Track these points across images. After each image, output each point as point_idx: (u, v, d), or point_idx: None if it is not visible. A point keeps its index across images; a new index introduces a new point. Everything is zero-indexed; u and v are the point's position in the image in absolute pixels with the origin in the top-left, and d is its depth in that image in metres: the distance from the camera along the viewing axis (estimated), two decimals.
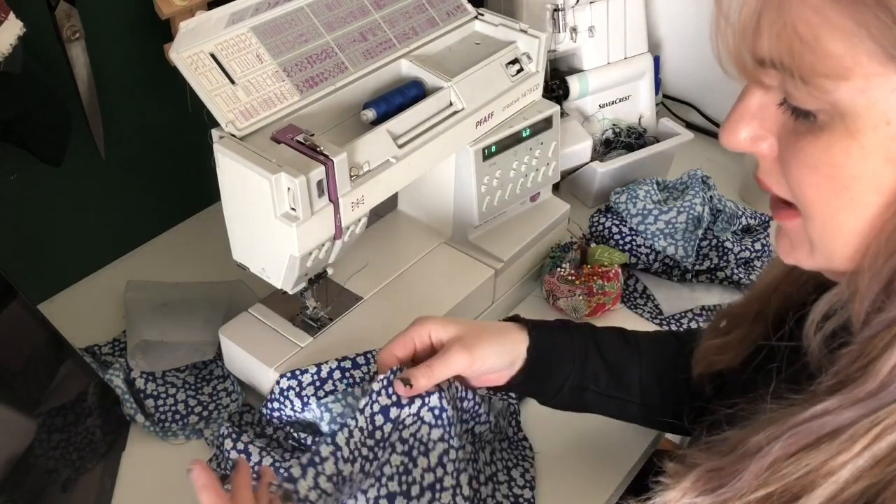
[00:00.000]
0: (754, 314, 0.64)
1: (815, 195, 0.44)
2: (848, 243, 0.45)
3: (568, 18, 1.17)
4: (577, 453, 0.88)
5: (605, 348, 0.77)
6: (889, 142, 0.40)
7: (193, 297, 1.00)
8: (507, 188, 0.98)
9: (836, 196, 0.43)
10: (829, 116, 0.41)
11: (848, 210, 0.43)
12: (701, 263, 1.06)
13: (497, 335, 0.73)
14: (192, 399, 0.90)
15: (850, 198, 0.43)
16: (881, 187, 0.42)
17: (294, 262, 0.74)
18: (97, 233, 1.05)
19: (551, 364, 0.74)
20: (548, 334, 0.75)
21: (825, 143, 0.42)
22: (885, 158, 0.41)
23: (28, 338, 0.77)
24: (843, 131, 0.41)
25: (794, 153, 0.44)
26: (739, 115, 0.46)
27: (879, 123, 0.40)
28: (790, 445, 0.44)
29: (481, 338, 0.71)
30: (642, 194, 1.11)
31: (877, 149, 0.41)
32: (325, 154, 0.70)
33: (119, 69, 0.96)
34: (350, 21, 0.83)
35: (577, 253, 1.03)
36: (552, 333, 0.75)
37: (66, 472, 0.77)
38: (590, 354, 0.76)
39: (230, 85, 0.74)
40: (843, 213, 0.44)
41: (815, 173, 0.43)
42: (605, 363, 0.76)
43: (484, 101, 0.88)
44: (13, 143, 0.86)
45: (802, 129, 0.43)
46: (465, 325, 0.72)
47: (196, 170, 0.97)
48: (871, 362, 0.43)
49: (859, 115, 0.40)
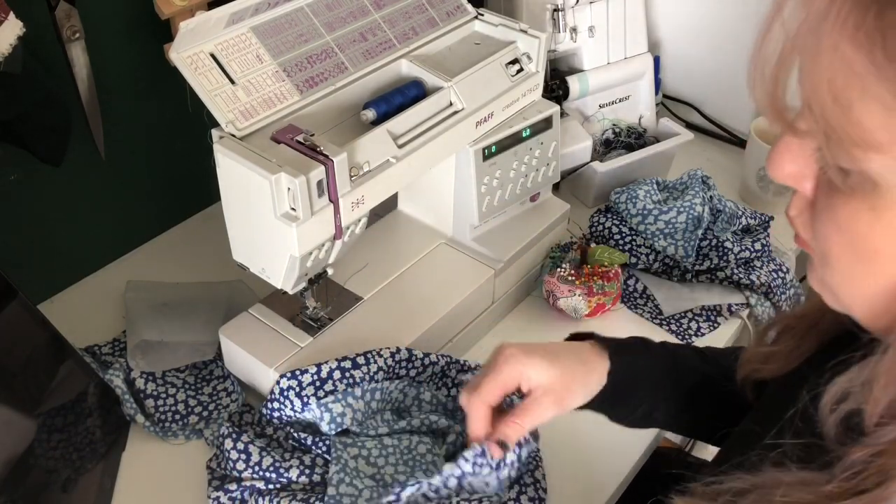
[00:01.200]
0: (807, 327, 0.61)
1: (838, 254, 0.43)
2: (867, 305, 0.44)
3: (568, 18, 1.17)
4: (578, 453, 0.88)
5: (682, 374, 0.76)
6: None
7: (193, 297, 1.00)
8: (507, 188, 0.98)
9: (857, 262, 0.42)
10: (860, 181, 0.39)
11: (868, 278, 0.42)
12: (701, 263, 1.06)
13: (583, 375, 0.71)
14: (192, 399, 0.90)
15: (870, 268, 0.41)
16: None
17: (294, 262, 0.74)
18: (97, 233, 1.05)
19: (628, 391, 0.73)
20: (630, 362, 0.73)
21: (853, 208, 0.40)
22: None
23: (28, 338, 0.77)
24: (870, 203, 0.39)
25: (826, 207, 0.42)
26: (786, 147, 0.44)
27: None
28: None
29: (572, 387, 0.70)
30: (642, 194, 1.11)
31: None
32: (325, 154, 0.70)
33: (119, 69, 0.96)
34: (350, 21, 0.83)
35: (577, 253, 1.03)
36: (634, 361, 0.74)
37: (66, 472, 0.77)
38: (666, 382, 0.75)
39: (230, 85, 0.74)
40: (863, 278, 0.42)
41: (841, 235, 0.42)
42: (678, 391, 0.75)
43: (484, 101, 0.88)
44: (13, 143, 0.86)
45: (836, 185, 0.41)
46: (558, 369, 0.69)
47: (196, 170, 0.97)
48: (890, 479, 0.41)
49: (888, 190, 0.38)
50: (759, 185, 1.21)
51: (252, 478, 0.79)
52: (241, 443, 0.79)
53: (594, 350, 0.73)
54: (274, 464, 0.78)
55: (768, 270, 1.07)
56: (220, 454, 0.82)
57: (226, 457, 0.80)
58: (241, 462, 0.79)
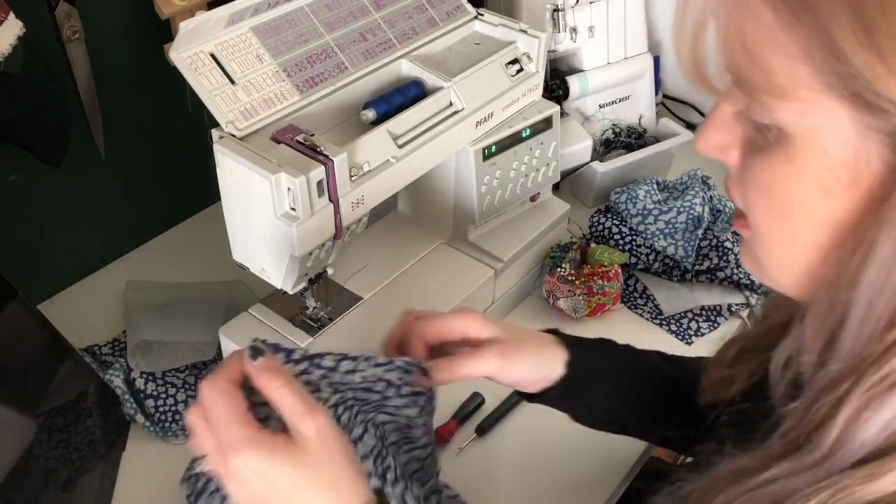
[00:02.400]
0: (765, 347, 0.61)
1: (761, 215, 0.44)
2: (791, 272, 0.44)
3: (568, 18, 1.17)
4: (572, 458, 0.88)
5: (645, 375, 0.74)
6: (823, 171, 0.39)
7: (193, 297, 1.00)
8: (507, 188, 0.98)
9: (777, 220, 0.43)
10: (776, 135, 0.41)
11: (787, 237, 0.43)
12: (701, 263, 1.06)
13: (536, 346, 0.70)
14: (193, 399, 0.90)
15: (789, 225, 0.42)
16: (816, 221, 0.41)
17: (294, 262, 0.74)
18: (97, 233, 1.05)
19: (587, 385, 0.72)
20: (589, 355, 0.72)
21: (772, 163, 0.42)
22: (820, 189, 0.40)
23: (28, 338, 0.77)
24: (785, 154, 0.41)
25: (748, 168, 0.44)
26: (712, 122, 0.46)
27: (816, 151, 0.39)
28: None
29: (520, 347, 0.68)
30: (642, 194, 1.11)
31: (813, 178, 0.40)
32: (325, 154, 0.70)
33: (119, 69, 0.96)
34: (350, 21, 0.83)
35: (577, 253, 1.03)
36: (594, 354, 0.73)
37: (66, 472, 0.77)
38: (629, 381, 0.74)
39: (230, 85, 0.74)
40: (783, 239, 0.43)
41: (762, 193, 0.43)
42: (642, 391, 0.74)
43: (484, 101, 0.88)
44: (13, 143, 0.85)
45: (758, 145, 0.43)
46: (507, 330, 0.69)
47: (196, 170, 0.97)
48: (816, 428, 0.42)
49: (799, 138, 0.40)
50: None
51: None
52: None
53: (555, 340, 0.72)
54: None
55: None
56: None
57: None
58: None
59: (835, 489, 0.40)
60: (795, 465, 0.43)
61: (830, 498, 0.40)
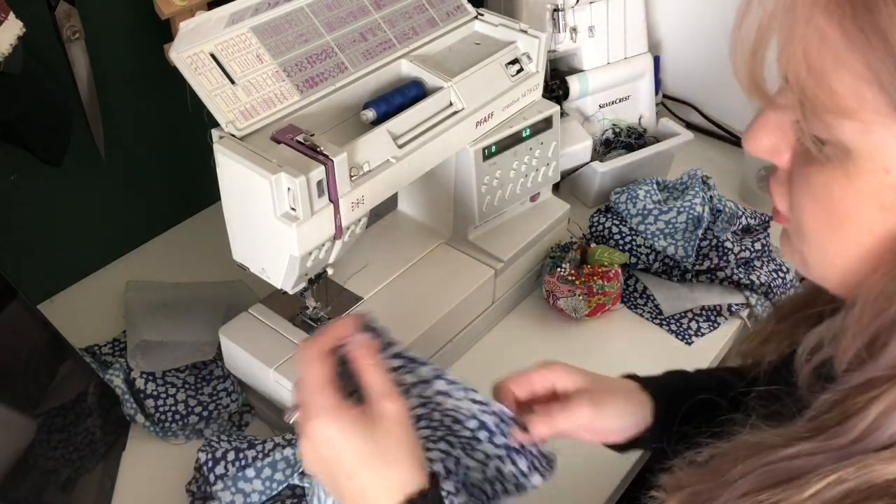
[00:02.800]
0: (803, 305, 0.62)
1: (812, 223, 0.45)
2: (838, 275, 0.45)
3: (568, 18, 1.17)
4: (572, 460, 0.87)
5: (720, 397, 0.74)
6: (884, 189, 0.40)
7: (193, 297, 1.00)
8: (507, 188, 0.98)
9: (830, 230, 0.43)
10: (835, 150, 0.41)
11: (840, 246, 0.44)
12: (701, 263, 1.06)
13: (624, 394, 0.70)
14: (192, 399, 0.90)
15: (843, 236, 0.43)
16: (872, 234, 0.42)
17: (294, 262, 0.74)
18: (97, 233, 1.05)
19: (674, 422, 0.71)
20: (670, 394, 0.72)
21: (828, 176, 0.42)
22: (879, 206, 0.40)
23: (28, 338, 0.77)
24: (843, 170, 0.41)
25: (802, 177, 0.44)
26: (764, 122, 0.46)
27: (878, 169, 0.40)
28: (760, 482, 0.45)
29: (609, 395, 0.69)
30: (642, 194, 1.11)
31: (872, 194, 0.40)
32: (325, 154, 0.70)
33: (119, 69, 0.96)
34: (350, 21, 0.83)
35: (577, 253, 1.03)
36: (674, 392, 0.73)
37: (66, 472, 0.77)
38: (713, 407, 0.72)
39: (230, 85, 0.74)
40: (835, 246, 0.44)
41: (815, 203, 0.43)
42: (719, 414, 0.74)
43: (484, 101, 0.88)
44: (13, 143, 0.86)
45: (813, 156, 0.43)
46: (592, 379, 0.70)
47: (196, 170, 0.97)
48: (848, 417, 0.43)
49: (860, 156, 0.40)
50: (759, 185, 1.21)
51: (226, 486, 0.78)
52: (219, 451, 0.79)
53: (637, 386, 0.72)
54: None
55: (768, 270, 1.07)
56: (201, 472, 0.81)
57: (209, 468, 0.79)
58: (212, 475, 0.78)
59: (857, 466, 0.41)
60: (820, 446, 0.44)
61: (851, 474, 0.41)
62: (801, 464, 0.44)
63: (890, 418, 0.41)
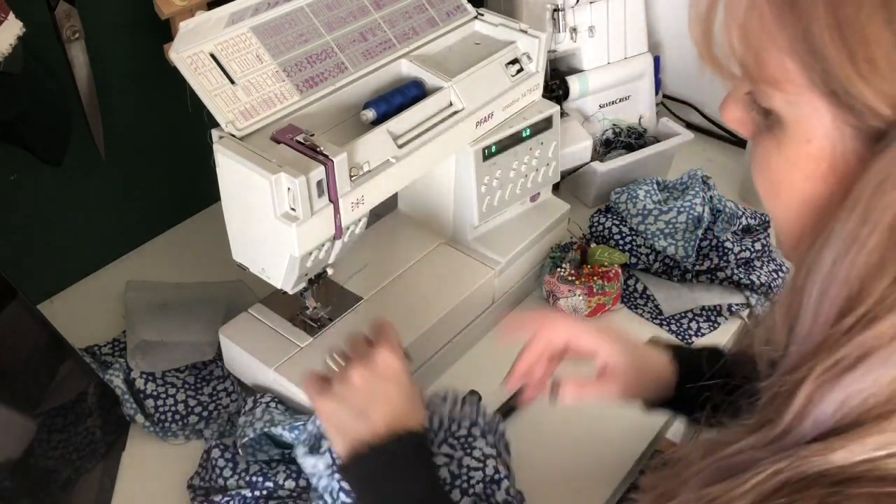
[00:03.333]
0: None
1: (761, 191, 0.47)
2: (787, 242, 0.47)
3: (568, 18, 1.17)
4: (575, 456, 0.88)
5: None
6: (807, 159, 0.42)
7: (193, 297, 1.00)
8: (507, 188, 0.98)
9: (773, 197, 0.46)
10: (775, 121, 0.43)
11: (780, 212, 0.46)
12: (701, 263, 1.06)
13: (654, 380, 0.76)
14: (192, 399, 0.90)
15: (780, 202, 0.45)
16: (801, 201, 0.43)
17: (294, 262, 0.74)
18: (97, 233, 1.05)
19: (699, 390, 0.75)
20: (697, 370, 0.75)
21: (769, 145, 0.44)
22: (804, 175, 0.43)
23: (28, 338, 0.77)
24: (776, 140, 0.43)
25: (754, 147, 0.47)
26: (732, 96, 0.48)
27: (801, 139, 0.42)
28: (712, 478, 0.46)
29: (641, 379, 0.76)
30: (642, 194, 1.11)
31: (798, 163, 0.42)
32: (325, 154, 0.70)
33: (119, 69, 0.96)
34: (350, 21, 0.83)
35: (577, 253, 1.03)
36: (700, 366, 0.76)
37: (66, 472, 0.77)
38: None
39: (230, 85, 0.74)
40: (777, 213, 0.46)
41: (759, 171, 0.46)
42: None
43: (484, 101, 0.88)
44: (13, 143, 0.85)
45: (763, 126, 0.45)
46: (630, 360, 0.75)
47: (196, 170, 0.97)
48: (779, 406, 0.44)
49: (788, 126, 0.42)
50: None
51: (238, 485, 0.78)
52: (228, 452, 0.80)
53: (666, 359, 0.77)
54: (261, 470, 0.78)
55: (768, 270, 1.07)
56: (205, 467, 0.82)
57: (213, 464, 0.80)
58: (227, 469, 0.79)
59: (791, 460, 0.42)
60: (760, 438, 0.45)
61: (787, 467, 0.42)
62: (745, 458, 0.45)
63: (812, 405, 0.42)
